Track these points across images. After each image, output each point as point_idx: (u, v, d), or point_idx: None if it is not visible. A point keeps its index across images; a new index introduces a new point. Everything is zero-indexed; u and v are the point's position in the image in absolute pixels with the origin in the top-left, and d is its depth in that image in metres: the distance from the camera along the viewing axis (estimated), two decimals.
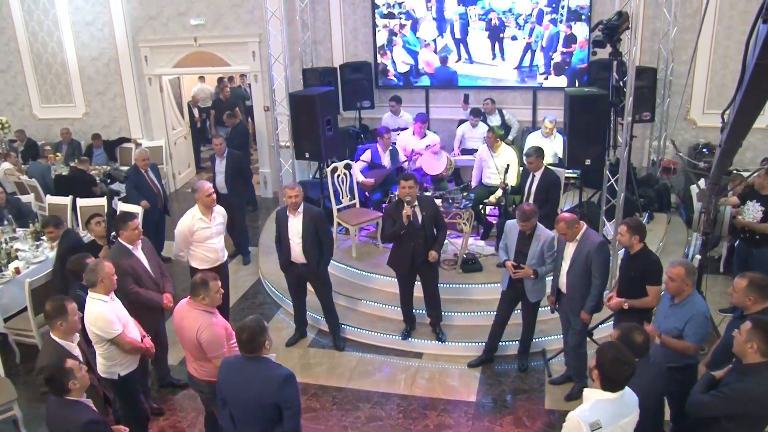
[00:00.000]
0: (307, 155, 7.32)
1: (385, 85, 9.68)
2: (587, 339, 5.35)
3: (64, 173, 9.31)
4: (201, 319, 4.02)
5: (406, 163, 7.64)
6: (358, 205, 7.60)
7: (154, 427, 5.25)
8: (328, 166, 7.46)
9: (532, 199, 6.35)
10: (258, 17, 9.84)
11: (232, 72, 12.33)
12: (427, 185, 7.77)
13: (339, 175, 7.43)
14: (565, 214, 5.01)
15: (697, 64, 8.54)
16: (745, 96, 4.00)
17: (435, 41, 9.26)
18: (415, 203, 5.69)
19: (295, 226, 5.75)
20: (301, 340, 6.46)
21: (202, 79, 13.50)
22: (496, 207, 7.24)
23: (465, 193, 7.03)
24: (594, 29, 5.83)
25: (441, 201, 6.95)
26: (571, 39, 8.53)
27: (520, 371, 5.83)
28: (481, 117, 8.73)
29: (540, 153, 6.36)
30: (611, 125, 6.19)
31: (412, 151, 7.53)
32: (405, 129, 8.68)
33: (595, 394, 3.17)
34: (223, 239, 6.05)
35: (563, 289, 5.21)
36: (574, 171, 7.35)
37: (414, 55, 9.42)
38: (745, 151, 8.54)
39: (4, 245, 6.73)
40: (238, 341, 3.48)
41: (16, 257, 6.67)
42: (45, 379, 3.30)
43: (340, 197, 7.47)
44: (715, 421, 3.44)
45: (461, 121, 9.08)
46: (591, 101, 6.19)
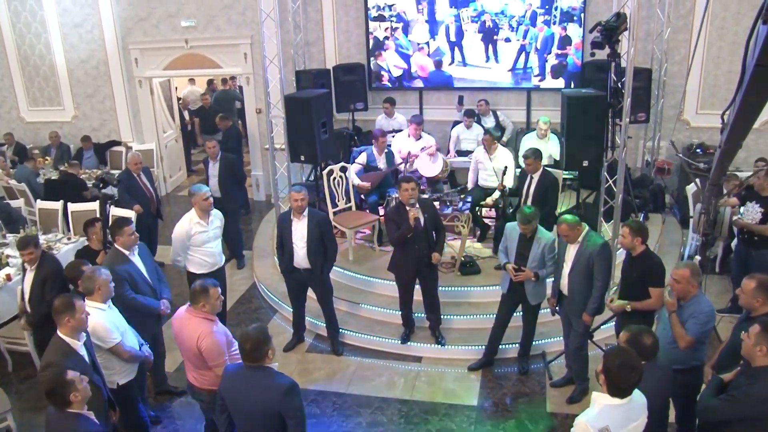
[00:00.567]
0: (302, 158, 7.25)
1: (378, 87, 9.62)
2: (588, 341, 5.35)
3: (54, 177, 9.17)
4: (201, 327, 3.94)
5: (402, 165, 7.58)
6: (354, 208, 7.54)
7: None
8: (323, 169, 7.40)
9: (530, 201, 6.32)
10: (250, 19, 9.76)
11: (223, 74, 12.23)
12: (423, 187, 7.72)
13: (335, 178, 7.37)
14: (567, 216, 4.98)
15: (688, 64, 8.58)
16: (745, 97, 3.98)
17: (428, 44, 9.22)
18: (417, 204, 5.65)
19: (299, 231, 5.68)
20: (299, 345, 6.40)
21: (192, 81, 13.38)
22: (493, 209, 7.22)
23: (462, 195, 6.99)
24: (592, 30, 5.81)
25: (438, 203, 6.91)
26: (566, 41, 8.53)
27: (521, 374, 5.80)
28: (476, 118, 8.71)
29: (538, 154, 6.34)
30: (609, 126, 6.18)
31: (408, 154, 7.47)
32: (400, 131, 8.64)
33: (603, 399, 3.13)
34: (220, 243, 6.00)
35: (564, 291, 5.18)
36: (570, 172, 7.34)
37: (406, 58, 9.38)
38: (739, 151, 8.57)
39: None
40: (241, 350, 3.41)
41: (7, 264, 6.55)
42: (45, 392, 3.22)
43: (336, 200, 7.41)
44: (725, 425, 3.42)
45: (455, 122, 9.06)
46: (589, 102, 6.16)
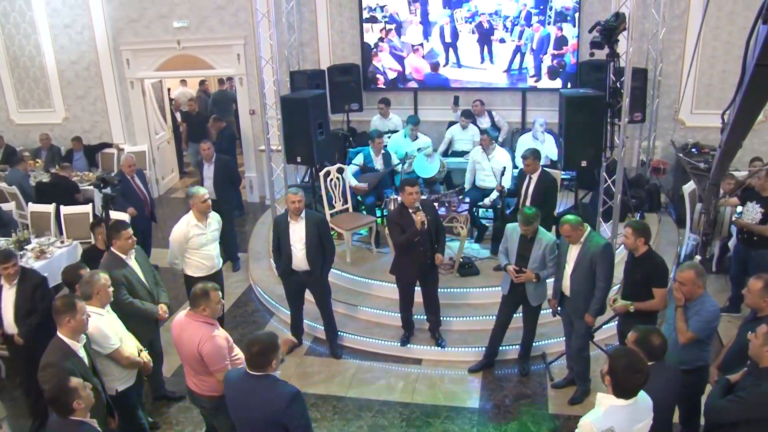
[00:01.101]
0: (298, 159, 7.18)
1: (373, 88, 9.57)
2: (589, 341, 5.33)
3: (45, 180, 9.05)
4: (202, 332, 3.87)
5: (399, 166, 7.54)
6: (350, 210, 7.49)
7: None
8: (319, 171, 7.35)
9: (529, 202, 6.29)
10: (243, 20, 9.70)
11: (216, 75, 12.13)
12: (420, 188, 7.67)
13: (332, 179, 7.32)
14: (570, 216, 4.96)
15: (684, 64, 8.61)
16: (745, 97, 3.97)
17: (422, 45, 9.18)
18: (419, 208, 5.61)
19: (297, 233, 5.62)
20: (297, 349, 6.34)
21: (183, 82, 13.26)
22: (491, 210, 7.20)
23: (461, 196, 6.96)
24: (592, 30, 5.80)
25: (437, 204, 6.86)
26: (562, 41, 8.52)
27: (522, 375, 5.78)
28: (471, 119, 8.68)
29: (537, 155, 6.31)
30: (608, 126, 6.17)
31: (405, 154, 7.43)
32: (395, 132, 8.60)
33: (608, 400, 3.11)
34: (218, 246, 5.92)
35: (566, 292, 5.16)
36: (568, 173, 7.33)
37: (401, 60, 9.34)
38: None
39: None
40: (247, 353, 3.34)
41: None
42: (47, 399, 3.15)
43: (333, 202, 7.35)
44: (733, 426, 3.40)
45: (451, 123, 9.03)
46: (587, 103, 6.15)
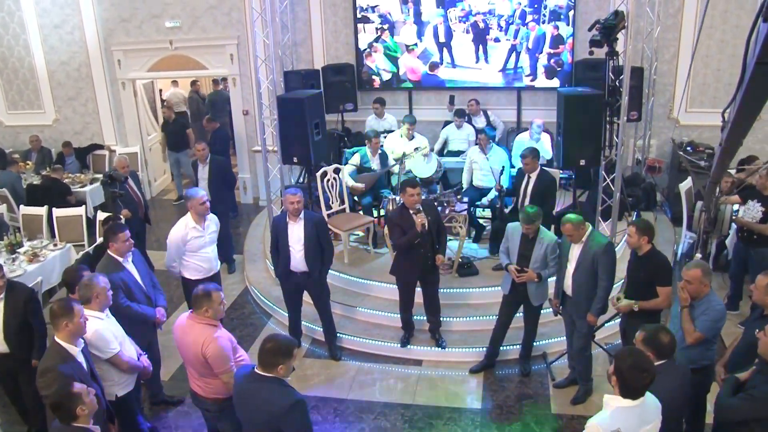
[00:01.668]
0: (295, 160, 7.12)
1: (368, 88, 9.52)
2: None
3: (36, 182, 8.94)
4: (205, 333, 3.81)
5: (396, 167, 7.49)
6: (347, 210, 7.44)
7: None
8: (316, 171, 7.29)
9: (528, 201, 6.27)
10: (236, 19, 9.62)
11: (209, 75, 12.02)
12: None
13: (328, 180, 7.26)
14: (572, 215, 4.94)
15: (679, 63, 8.64)
16: (746, 95, 3.97)
17: (416, 45, 9.15)
18: (420, 209, 5.56)
19: (296, 233, 5.57)
20: (295, 351, 6.24)
21: (175, 83, 13.15)
22: (488, 209, 7.18)
23: (459, 196, 6.92)
24: (591, 29, 5.78)
25: (435, 204, 6.83)
26: (558, 40, 8.52)
27: (523, 376, 5.75)
28: (466, 118, 8.66)
29: (536, 154, 6.29)
30: (607, 125, 6.16)
31: (403, 154, 7.38)
32: (391, 131, 8.56)
33: (615, 401, 3.08)
34: (216, 248, 5.85)
35: (568, 291, 5.13)
36: (565, 172, 7.32)
37: (395, 61, 9.29)
38: None
39: None
40: (261, 347, 3.29)
41: None
42: (50, 405, 3.08)
43: (330, 202, 7.30)
44: (743, 425, 3.38)
45: (446, 122, 9.00)
46: (585, 101, 6.14)
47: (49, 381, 3.60)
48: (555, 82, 8.73)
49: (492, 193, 6.99)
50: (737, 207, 6.52)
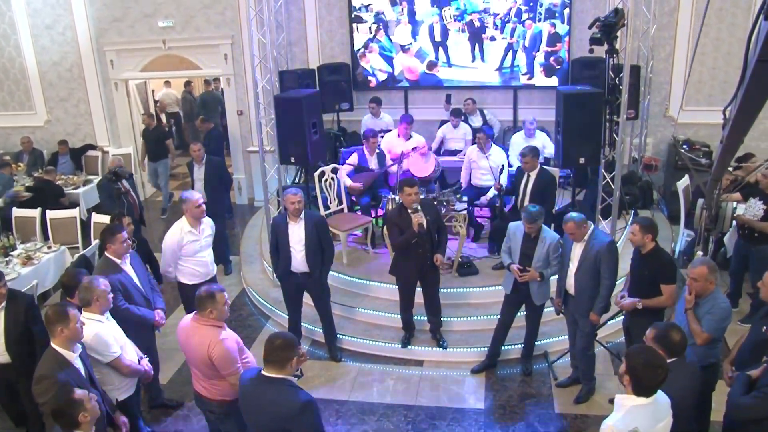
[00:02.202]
0: (292, 159, 7.06)
1: (364, 87, 9.47)
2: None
3: (28, 184, 8.82)
4: (210, 335, 3.75)
5: (394, 167, 7.45)
6: (346, 210, 7.39)
7: None
8: (313, 171, 7.24)
9: (527, 200, 6.25)
10: (230, 19, 9.56)
11: (203, 75, 11.95)
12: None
13: (326, 180, 7.21)
14: (574, 214, 4.92)
15: (674, 61, 8.66)
16: (747, 93, 3.96)
17: (411, 45, 9.10)
18: (419, 208, 5.53)
19: (296, 234, 5.50)
20: None
21: (167, 83, 13.04)
22: (488, 208, 7.15)
23: (459, 195, 6.89)
24: (591, 27, 5.77)
25: (435, 203, 6.79)
26: (555, 38, 8.51)
27: (525, 375, 5.72)
28: (462, 117, 8.63)
29: (536, 152, 6.27)
30: (606, 123, 6.14)
31: (401, 153, 7.34)
32: (387, 131, 8.52)
33: (628, 401, 3.05)
34: (212, 252, 5.75)
35: (570, 290, 5.11)
36: (563, 170, 7.31)
37: (390, 61, 9.25)
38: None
39: None
40: (267, 346, 3.22)
41: None
42: (51, 412, 3.00)
43: (328, 202, 7.25)
44: (755, 423, 3.36)
45: (443, 121, 8.97)
46: (585, 100, 6.12)
47: (45, 388, 3.52)
48: (554, 81, 8.71)
49: (491, 192, 6.96)
50: (735, 204, 6.54)
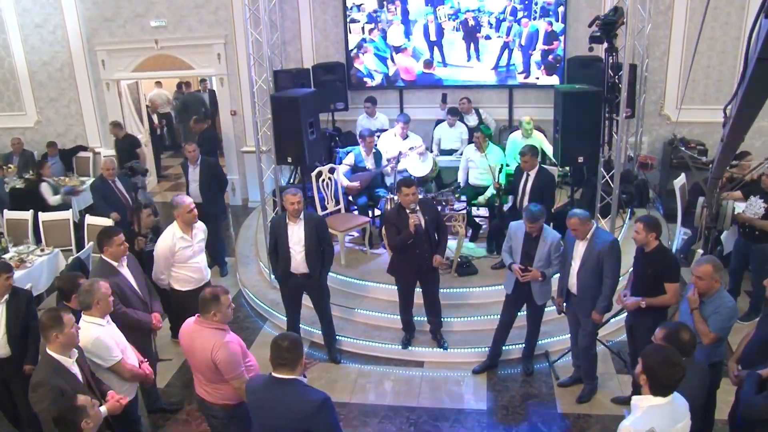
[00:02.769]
0: (289, 160, 6.98)
1: (359, 87, 9.42)
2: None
3: (19, 186, 8.70)
4: (214, 338, 3.69)
5: (389, 168, 7.40)
6: (343, 211, 7.34)
7: None
8: (311, 171, 7.18)
9: (527, 199, 6.22)
10: (223, 18, 9.48)
11: (195, 75, 11.84)
12: None
13: (323, 180, 7.16)
14: (578, 210, 4.91)
15: (669, 60, 8.68)
16: (747, 91, 3.97)
17: (406, 46, 9.06)
18: (417, 208, 5.48)
19: (296, 234, 5.44)
20: None
21: (158, 84, 12.92)
22: (486, 208, 7.12)
23: (457, 195, 6.86)
24: (591, 25, 5.76)
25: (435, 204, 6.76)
26: (552, 36, 8.49)
27: (526, 375, 5.69)
28: (457, 116, 8.60)
29: (535, 151, 6.24)
30: (605, 122, 6.13)
31: (399, 153, 7.30)
32: (383, 131, 8.48)
33: (645, 401, 3.02)
34: (205, 257, 5.64)
35: (573, 290, 5.10)
36: (561, 169, 7.29)
37: (384, 61, 9.21)
38: (716, 145, 8.70)
39: None
40: (274, 349, 3.18)
41: None
42: (54, 419, 2.93)
43: (326, 203, 7.19)
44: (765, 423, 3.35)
45: (438, 121, 8.93)
46: (584, 98, 6.10)
47: (42, 396, 3.44)
48: (554, 79, 8.67)
49: (489, 192, 6.94)
50: (746, 205, 6.51)
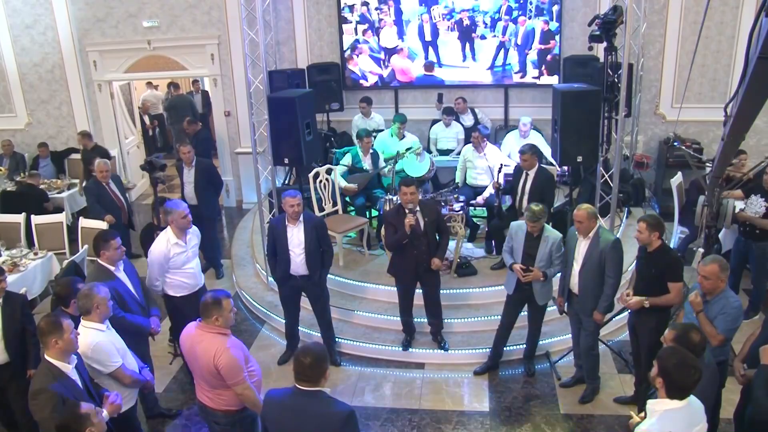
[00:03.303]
0: (286, 161, 6.93)
1: (354, 86, 9.37)
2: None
3: (11, 189, 8.58)
4: (217, 343, 3.62)
5: (386, 169, 7.35)
6: (340, 212, 7.29)
7: None
8: (306, 172, 7.12)
9: (526, 199, 6.20)
10: (216, 18, 9.39)
11: (189, 76, 11.73)
12: None
13: (321, 181, 7.10)
14: (585, 204, 4.90)
15: (664, 59, 8.69)
16: (748, 90, 3.96)
17: (400, 47, 9.02)
18: (417, 209, 5.44)
19: (296, 237, 5.39)
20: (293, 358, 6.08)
21: (150, 84, 12.81)
22: (484, 207, 7.10)
23: (456, 195, 6.82)
24: (591, 24, 5.74)
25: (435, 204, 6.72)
26: (548, 35, 8.48)
27: (528, 376, 5.67)
28: (452, 116, 8.57)
29: (535, 150, 6.23)
30: (604, 121, 6.12)
31: (397, 153, 7.25)
32: (380, 131, 8.44)
33: (661, 405, 2.98)
34: (199, 262, 5.54)
35: (575, 289, 5.07)
36: (560, 169, 7.29)
37: (379, 62, 9.17)
38: (712, 143, 8.76)
39: None
40: (296, 365, 3.08)
41: None
42: (56, 428, 2.86)
43: (323, 204, 7.14)
44: None
45: (434, 121, 8.90)
46: (583, 97, 6.08)
47: (42, 403, 3.37)
48: (553, 79, 8.64)
49: (487, 192, 6.91)
50: (746, 203, 6.50)
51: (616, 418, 5.06)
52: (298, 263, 5.44)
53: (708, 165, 7.29)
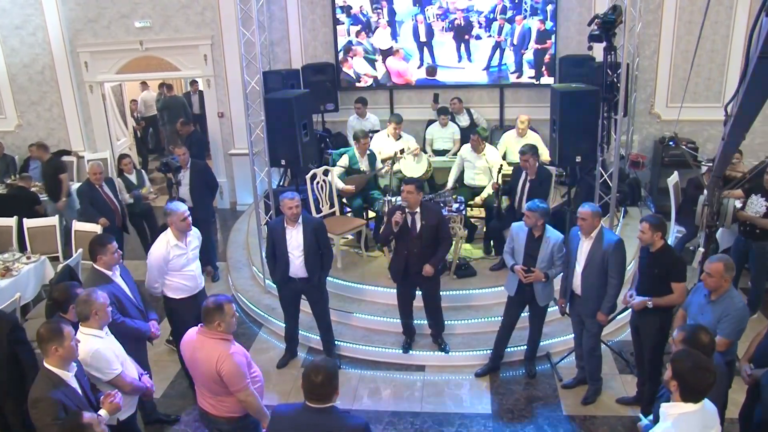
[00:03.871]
0: (283, 162, 6.87)
1: (349, 87, 9.32)
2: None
3: (2, 191, 8.45)
4: (219, 349, 3.55)
5: (384, 170, 7.30)
6: (338, 213, 7.23)
7: None
8: (305, 173, 7.06)
9: (525, 198, 6.18)
10: (209, 19, 9.32)
11: (182, 77, 11.63)
12: None
13: (318, 183, 7.04)
14: (590, 203, 4.89)
15: (659, 59, 8.70)
16: (748, 89, 3.97)
17: (394, 48, 8.98)
18: (417, 210, 5.40)
19: (295, 239, 5.33)
20: (293, 361, 6.03)
21: (144, 85, 12.67)
22: (483, 208, 7.07)
23: (455, 196, 6.78)
24: (590, 23, 5.72)
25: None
26: (544, 35, 8.46)
27: (529, 377, 5.64)
28: (448, 116, 8.54)
29: (534, 150, 6.20)
30: (603, 121, 6.10)
31: (395, 153, 7.21)
32: (376, 131, 8.39)
33: (676, 409, 2.95)
34: (199, 264, 5.45)
35: (577, 290, 5.04)
36: (557, 169, 7.27)
37: (374, 64, 9.12)
38: (706, 143, 8.78)
39: None
40: (306, 383, 2.97)
41: None
42: None
43: (320, 205, 7.08)
44: None
45: (430, 121, 8.87)
46: (582, 97, 6.06)
47: (43, 411, 3.30)
48: (550, 79, 8.64)
49: (485, 193, 6.88)
50: (747, 203, 6.50)
51: (618, 419, 5.04)
52: (297, 266, 5.38)
53: (705, 164, 7.29)
